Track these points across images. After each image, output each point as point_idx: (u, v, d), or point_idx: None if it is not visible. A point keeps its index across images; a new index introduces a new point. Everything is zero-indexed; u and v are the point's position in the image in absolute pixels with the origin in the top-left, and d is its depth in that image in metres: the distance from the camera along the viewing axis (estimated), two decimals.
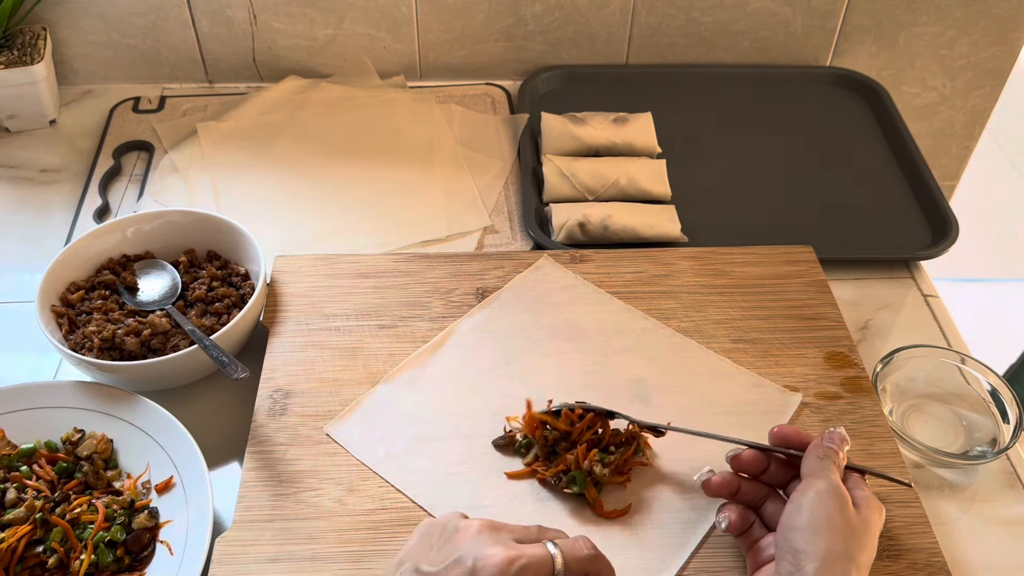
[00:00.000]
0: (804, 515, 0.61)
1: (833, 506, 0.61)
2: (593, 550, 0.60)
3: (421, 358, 0.83)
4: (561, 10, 1.20)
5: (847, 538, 0.60)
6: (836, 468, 0.65)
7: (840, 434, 0.67)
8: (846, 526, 0.61)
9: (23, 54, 1.11)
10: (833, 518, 0.61)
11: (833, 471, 0.64)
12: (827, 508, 0.61)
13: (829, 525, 0.60)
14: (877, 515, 0.64)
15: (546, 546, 0.58)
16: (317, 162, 1.09)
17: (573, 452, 0.73)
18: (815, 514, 0.61)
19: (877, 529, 0.63)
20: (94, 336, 0.81)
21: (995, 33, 1.25)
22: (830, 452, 0.65)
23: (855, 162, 1.13)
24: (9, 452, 0.76)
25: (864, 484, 0.66)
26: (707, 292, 0.90)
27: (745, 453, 0.69)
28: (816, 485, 0.63)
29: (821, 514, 0.61)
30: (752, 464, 0.69)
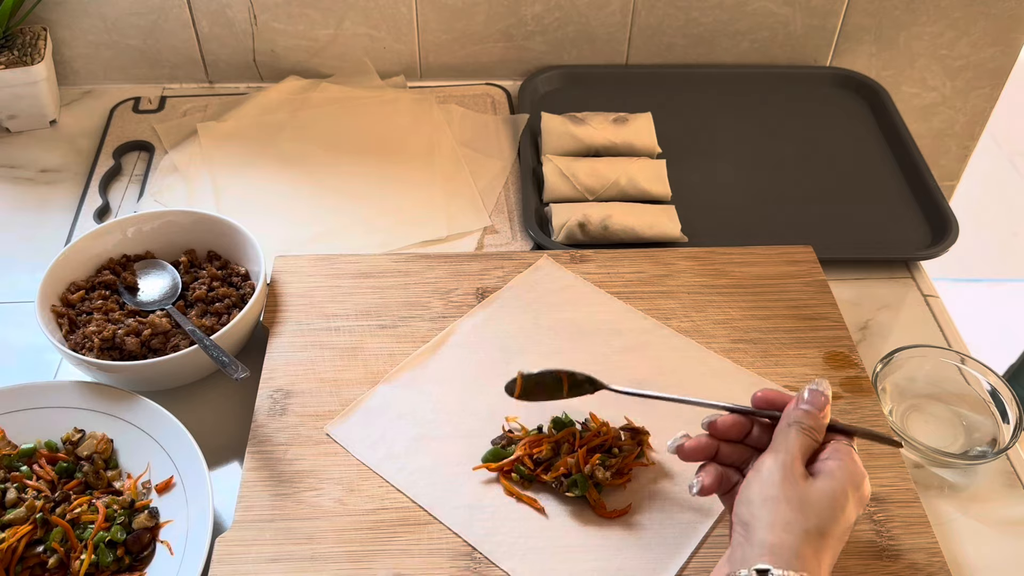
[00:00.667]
0: (754, 488, 0.61)
1: (781, 478, 0.61)
2: None
3: (421, 358, 0.84)
4: (561, 10, 1.20)
5: (800, 508, 0.59)
6: (804, 434, 0.63)
7: (817, 391, 0.65)
8: (799, 497, 0.60)
9: (23, 54, 1.11)
10: (783, 490, 0.60)
11: (795, 441, 0.63)
12: (775, 480, 0.61)
13: (777, 498, 0.60)
14: (844, 484, 0.61)
15: None
16: (317, 162, 1.09)
17: (574, 455, 0.73)
18: (764, 487, 0.61)
19: (843, 499, 0.61)
20: (94, 336, 0.81)
21: (995, 33, 1.25)
22: (801, 417, 0.64)
23: (855, 162, 1.13)
24: (9, 452, 0.76)
25: (843, 449, 0.63)
26: (707, 292, 0.90)
27: (721, 419, 0.68)
28: (770, 457, 0.63)
29: (769, 487, 0.61)
30: (730, 429, 0.67)
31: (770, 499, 0.60)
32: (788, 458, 0.62)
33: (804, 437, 0.63)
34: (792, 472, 0.61)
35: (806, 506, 0.60)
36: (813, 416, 0.64)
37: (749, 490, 0.62)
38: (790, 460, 0.62)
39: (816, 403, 0.64)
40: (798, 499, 0.60)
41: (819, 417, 0.64)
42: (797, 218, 1.05)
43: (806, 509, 0.60)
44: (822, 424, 0.64)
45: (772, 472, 0.62)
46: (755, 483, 0.62)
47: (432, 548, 0.70)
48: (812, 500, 0.60)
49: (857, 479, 0.62)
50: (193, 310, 0.85)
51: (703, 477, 0.66)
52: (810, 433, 0.63)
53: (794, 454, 0.62)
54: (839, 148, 1.15)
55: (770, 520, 0.59)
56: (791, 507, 0.60)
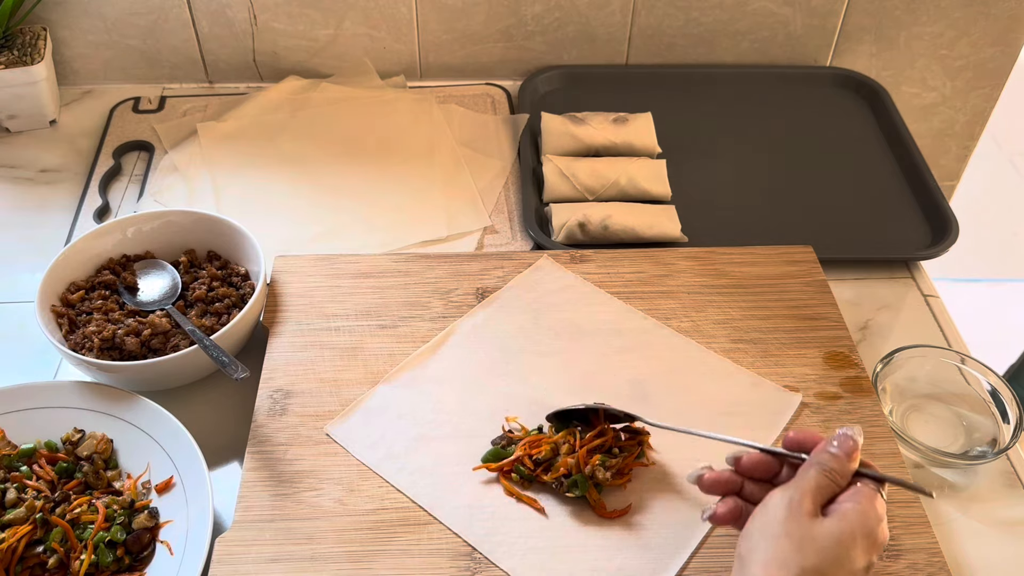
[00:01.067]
0: (756, 522, 0.61)
1: (786, 515, 0.59)
2: None
3: (421, 358, 0.83)
4: (561, 10, 1.20)
5: (800, 546, 0.58)
6: (824, 475, 0.62)
7: (847, 436, 0.63)
8: (801, 535, 0.58)
9: (23, 54, 1.11)
10: (785, 526, 0.59)
11: (811, 480, 0.61)
12: (778, 516, 0.60)
13: (777, 534, 0.59)
14: (854, 526, 0.59)
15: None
16: (317, 162, 1.09)
17: (574, 455, 0.73)
18: (766, 522, 0.60)
19: (850, 541, 0.58)
20: (94, 336, 0.81)
21: (995, 33, 1.25)
22: (825, 459, 0.62)
23: (855, 162, 1.13)
24: (9, 452, 0.76)
25: (864, 492, 0.61)
26: (707, 292, 0.90)
27: (747, 457, 0.67)
28: (779, 493, 0.62)
29: (772, 523, 0.60)
30: (756, 468, 0.66)
31: (770, 535, 0.59)
32: (797, 495, 0.60)
33: (822, 477, 0.61)
34: (799, 509, 0.60)
35: (807, 544, 0.58)
36: (838, 459, 0.62)
37: (752, 524, 0.61)
38: (799, 497, 0.60)
39: (844, 447, 0.62)
40: (800, 536, 0.58)
41: (844, 461, 0.62)
42: (797, 218, 1.05)
43: (806, 547, 0.58)
44: (847, 469, 0.62)
45: (778, 507, 0.60)
46: (759, 517, 0.61)
47: (432, 548, 0.70)
48: (816, 539, 0.58)
49: (871, 524, 0.60)
50: (193, 310, 0.85)
51: (719, 507, 0.65)
52: (831, 475, 0.62)
53: (804, 491, 0.61)
54: (839, 148, 1.15)
55: (766, 557, 0.58)
56: (791, 544, 0.58)
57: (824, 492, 0.61)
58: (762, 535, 0.59)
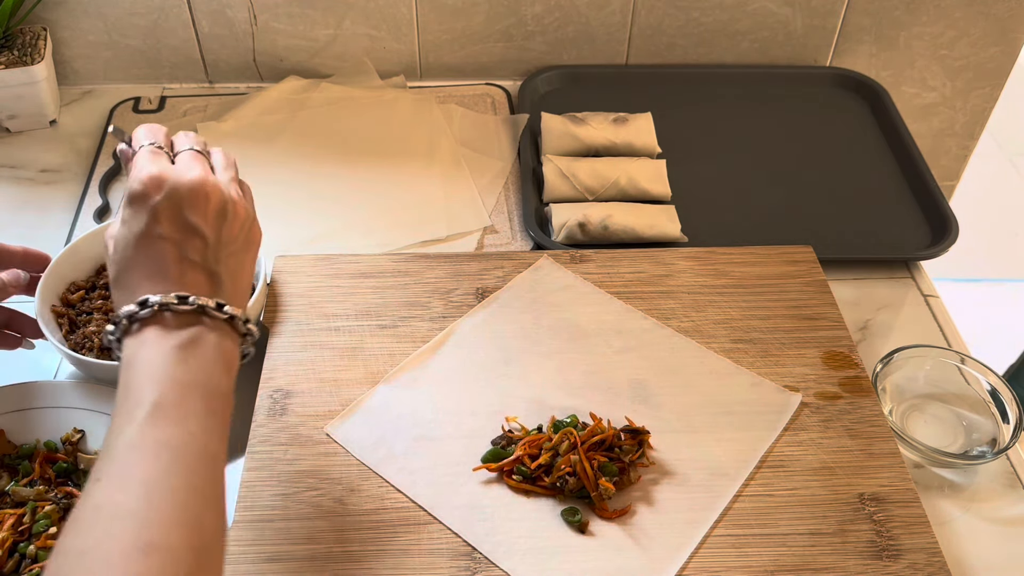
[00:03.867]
0: None
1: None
2: None
3: (421, 358, 0.84)
4: (561, 10, 1.20)
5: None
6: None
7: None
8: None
9: (23, 54, 1.11)
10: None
11: None
12: None
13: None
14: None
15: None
16: (317, 162, 1.09)
17: (575, 453, 0.73)
18: None
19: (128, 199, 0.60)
20: (94, 336, 0.81)
21: (995, 33, 1.25)
22: None
23: (855, 162, 1.13)
24: (9, 452, 0.76)
25: None
26: (707, 292, 0.90)
27: None
28: None
29: None
30: None
31: None
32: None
33: None
34: None
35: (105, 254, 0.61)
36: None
37: None
38: None
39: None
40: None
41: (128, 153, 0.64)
42: (797, 218, 1.05)
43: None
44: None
45: None
46: None
47: (432, 548, 0.70)
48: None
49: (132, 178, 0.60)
50: None
51: None
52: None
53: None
54: (839, 148, 1.15)
55: None
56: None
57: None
58: None
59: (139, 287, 0.57)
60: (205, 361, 0.56)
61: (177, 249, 0.58)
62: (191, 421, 0.53)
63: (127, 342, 0.56)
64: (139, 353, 0.55)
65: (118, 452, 0.51)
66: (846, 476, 0.75)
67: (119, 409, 0.53)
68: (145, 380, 0.53)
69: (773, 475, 0.75)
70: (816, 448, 0.77)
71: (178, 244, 0.58)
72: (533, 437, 0.75)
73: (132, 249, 0.58)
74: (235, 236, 0.61)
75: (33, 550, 0.69)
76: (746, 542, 0.71)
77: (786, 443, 0.78)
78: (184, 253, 0.58)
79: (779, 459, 0.76)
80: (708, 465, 0.76)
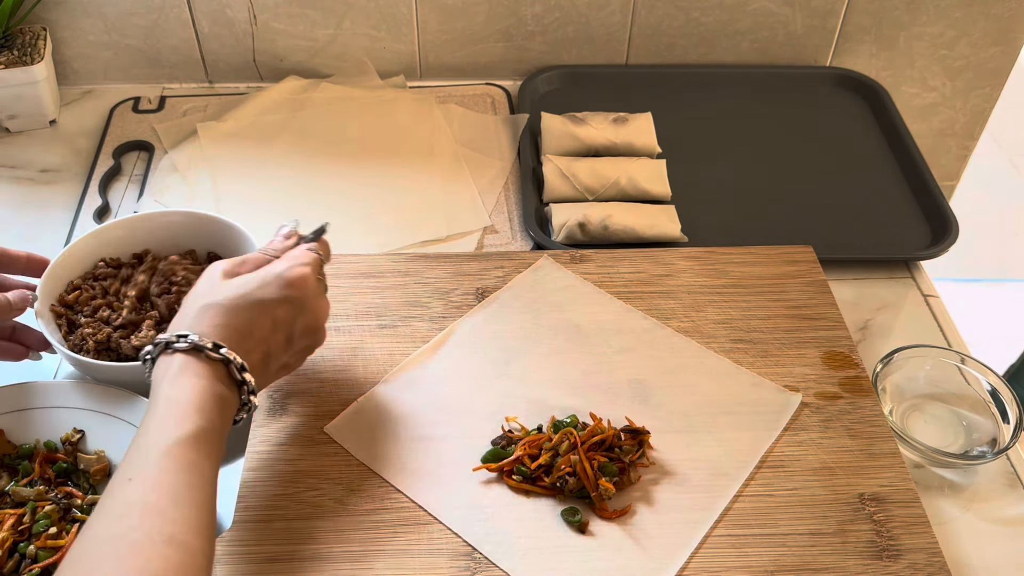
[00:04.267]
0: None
1: (209, 272, 0.71)
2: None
3: (421, 358, 0.83)
4: (561, 10, 1.20)
5: (211, 288, 0.68)
6: (258, 252, 0.74)
7: (284, 226, 0.78)
8: (213, 281, 0.69)
9: (23, 54, 1.11)
10: (204, 278, 0.70)
11: (240, 257, 0.73)
12: (205, 274, 0.71)
13: (198, 285, 0.71)
14: (269, 270, 0.70)
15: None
16: (317, 162, 1.09)
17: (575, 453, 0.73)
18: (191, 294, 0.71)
19: (261, 280, 0.69)
20: (90, 338, 0.81)
21: (995, 33, 1.25)
22: (265, 246, 0.75)
23: (855, 162, 1.13)
24: (9, 452, 0.76)
25: (295, 250, 0.74)
26: (707, 292, 0.90)
27: None
28: None
29: (198, 282, 0.71)
30: None
31: (187, 298, 0.69)
32: (221, 263, 0.71)
33: (255, 254, 0.73)
34: (217, 269, 0.70)
35: (218, 286, 0.68)
36: (273, 242, 0.75)
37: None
38: (222, 263, 0.71)
39: (280, 233, 0.76)
40: (213, 283, 0.69)
41: (279, 241, 0.75)
42: (797, 218, 1.05)
43: (217, 288, 0.68)
44: (283, 246, 0.75)
45: (198, 281, 0.70)
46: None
47: (432, 548, 0.70)
48: (229, 282, 0.68)
49: (283, 267, 0.70)
50: None
51: None
52: (264, 251, 0.74)
53: (229, 261, 0.71)
54: (839, 148, 1.15)
55: (179, 312, 0.68)
56: (204, 287, 0.69)
57: (252, 263, 0.72)
58: (188, 295, 0.70)
59: (220, 327, 0.66)
60: (229, 413, 0.65)
61: (269, 332, 0.69)
62: (214, 458, 0.61)
63: (182, 357, 0.64)
64: (191, 378, 0.63)
65: (152, 457, 0.58)
66: (846, 476, 0.75)
67: (159, 413, 0.61)
68: (192, 408, 0.61)
69: (773, 475, 0.75)
70: (816, 448, 0.77)
71: (273, 330, 0.69)
72: (533, 437, 0.75)
73: (245, 300, 0.68)
74: (303, 354, 0.74)
75: (33, 550, 0.69)
76: (746, 542, 0.71)
77: (786, 443, 0.78)
78: (269, 337, 0.69)
79: (779, 459, 0.76)
80: (708, 465, 0.76)
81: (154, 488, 0.56)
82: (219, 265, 0.71)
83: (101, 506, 0.56)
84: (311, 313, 0.72)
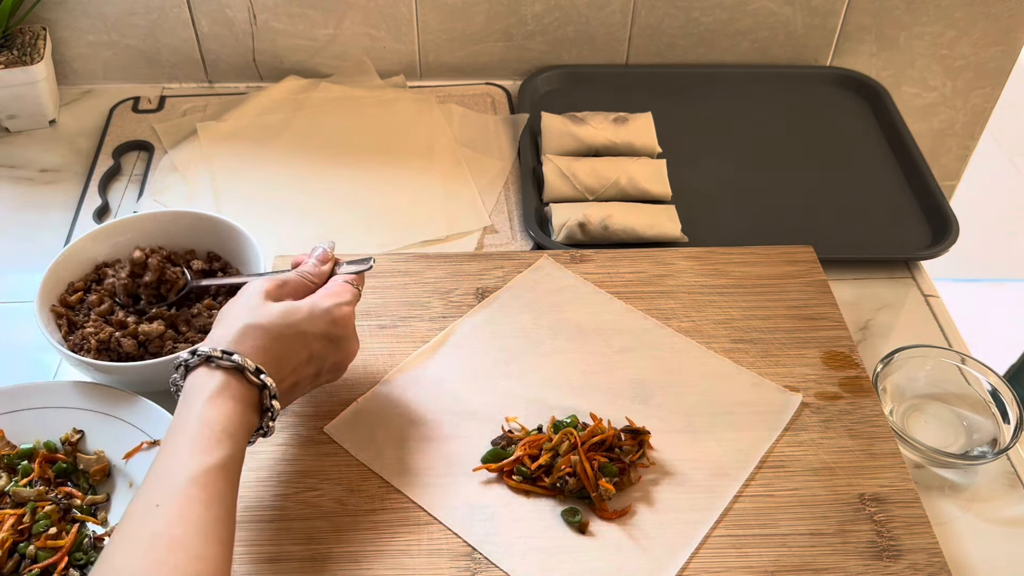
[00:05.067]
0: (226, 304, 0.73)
1: (249, 291, 0.71)
2: None
3: (421, 358, 0.83)
4: (561, 10, 1.20)
5: (252, 312, 0.69)
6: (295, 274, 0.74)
7: (320, 247, 0.78)
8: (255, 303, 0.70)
9: (23, 54, 1.11)
10: (244, 299, 0.71)
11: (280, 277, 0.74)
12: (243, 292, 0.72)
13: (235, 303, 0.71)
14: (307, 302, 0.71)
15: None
16: (317, 162, 1.09)
17: (575, 453, 0.73)
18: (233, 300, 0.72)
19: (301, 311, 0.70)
20: (91, 337, 0.81)
21: (995, 33, 1.25)
22: (300, 266, 0.76)
23: (855, 162, 1.13)
24: (8, 452, 0.76)
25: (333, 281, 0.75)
26: (707, 292, 0.90)
27: None
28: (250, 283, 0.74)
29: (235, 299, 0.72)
30: None
31: (231, 303, 0.71)
32: (261, 282, 0.72)
33: (292, 275, 0.74)
34: (259, 289, 0.71)
35: (259, 309, 0.69)
36: (310, 264, 0.76)
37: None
38: (262, 283, 0.71)
39: (316, 255, 0.77)
40: (254, 305, 0.69)
41: (316, 265, 0.76)
42: (797, 218, 1.05)
43: (257, 311, 0.68)
44: (320, 271, 0.75)
45: (244, 290, 0.71)
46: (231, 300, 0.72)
47: (432, 548, 0.70)
48: (269, 307, 0.69)
49: (324, 300, 0.71)
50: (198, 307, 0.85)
51: None
52: (301, 275, 0.74)
53: (270, 280, 0.72)
54: (839, 148, 1.15)
55: (221, 319, 0.69)
56: (245, 310, 0.69)
57: (292, 285, 0.73)
58: (226, 308, 0.70)
59: (261, 349, 0.67)
60: (248, 437, 0.66)
61: (303, 363, 0.70)
62: (236, 485, 0.62)
63: (223, 376, 0.64)
64: (228, 400, 0.64)
65: (180, 484, 0.58)
66: (846, 476, 0.75)
67: (190, 432, 0.61)
68: (224, 433, 0.62)
69: (773, 475, 0.75)
70: (816, 448, 0.77)
71: (307, 362, 0.70)
72: (533, 437, 0.75)
73: (290, 329, 0.69)
74: (321, 382, 0.75)
75: (33, 550, 0.69)
76: (746, 542, 0.71)
77: (786, 443, 0.78)
78: (301, 368, 0.70)
79: (779, 459, 0.76)
80: (708, 465, 0.76)
81: (180, 520, 0.56)
82: (260, 284, 0.71)
83: (126, 530, 0.56)
84: (344, 353, 0.73)
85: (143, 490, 0.58)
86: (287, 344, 0.68)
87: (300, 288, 0.73)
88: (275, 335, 0.68)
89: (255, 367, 0.65)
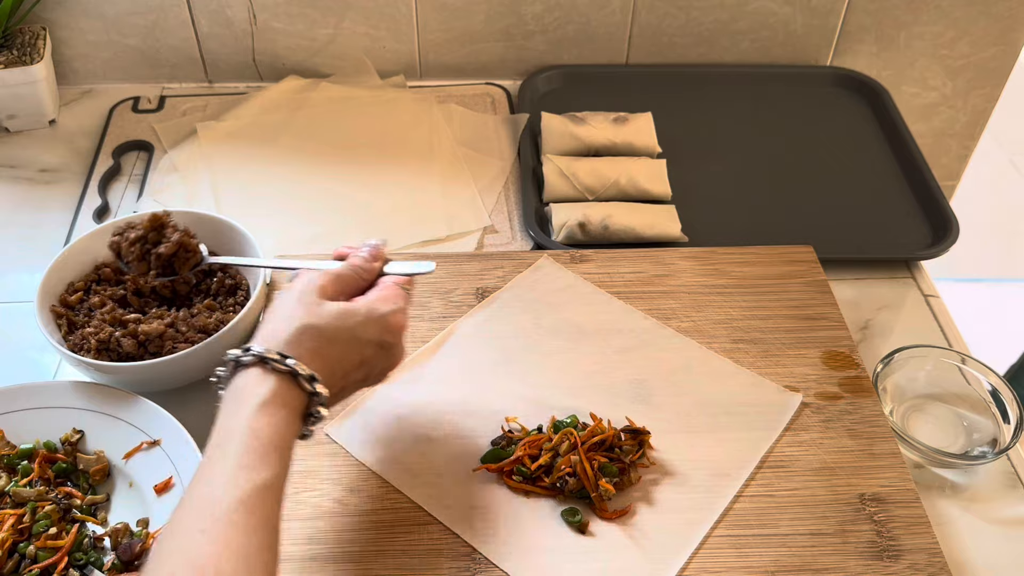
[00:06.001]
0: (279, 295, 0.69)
1: (301, 287, 0.67)
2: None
3: (421, 358, 0.83)
4: (561, 10, 1.20)
5: (308, 310, 0.65)
6: (347, 269, 0.70)
7: (372, 244, 0.73)
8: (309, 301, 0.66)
9: (23, 54, 1.11)
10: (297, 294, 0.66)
11: (332, 271, 0.69)
12: (295, 288, 0.67)
13: (288, 299, 0.66)
14: (362, 303, 0.68)
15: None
16: (317, 162, 1.09)
17: (575, 453, 0.73)
18: (285, 292, 0.68)
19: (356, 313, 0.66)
20: (91, 337, 0.81)
21: (995, 33, 1.25)
22: (350, 259, 0.72)
23: (855, 162, 1.13)
24: (8, 452, 0.76)
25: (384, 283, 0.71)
26: (707, 292, 0.90)
27: None
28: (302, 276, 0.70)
29: (288, 292, 0.68)
30: None
31: (283, 298, 0.67)
32: (316, 276, 0.68)
33: (344, 269, 0.70)
34: (312, 284, 0.67)
35: (313, 308, 0.65)
36: (362, 259, 0.72)
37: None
38: (316, 277, 0.68)
39: (372, 253, 0.72)
40: (309, 303, 0.65)
41: (368, 260, 0.72)
42: (797, 218, 1.05)
43: (312, 310, 0.65)
44: (372, 267, 0.71)
45: (298, 283, 0.68)
46: (283, 291, 0.68)
47: (432, 548, 0.70)
48: (323, 306, 0.66)
49: (381, 305, 0.68)
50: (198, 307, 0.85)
51: None
52: (353, 270, 0.70)
53: (323, 275, 0.68)
54: (839, 148, 1.15)
55: (273, 315, 0.66)
56: (301, 307, 0.65)
57: (345, 281, 0.69)
58: (279, 301, 0.67)
59: (315, 352, 0.64)
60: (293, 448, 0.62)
61: (353, 368, 0.67)
62: (281, 503, 0.59)
63: (277, 380, 0.61)
64: (279, 408, 0.60)
65: (227, 505, 0.55)
66: (847, 476, 0.75)
67: (237, 444, 0.57)
68: (273, 447, 0.58)
69: (774, 475, 0.75)
70: (817, 448, 0.77)
71: (357, 367, 0.67)
72: (533, 437, 0.75)
73: (346, 332, 0.66)
74: (370, 383, 0.71)
75: (33, 550, 0.69)
76: (746, 543, 0.71)
77: (787, 443, 0.78)
78: (351, 373, 0.67)
79: (780, 459, 0.76)
80: (708, 465, 0.76)
81: (226, 549, 0.53)
82: (315, 279, 0.68)
83: (167, 553, 0.53)
84: (392, 360, 0.70)
85: (187, 506, 0.55)
86: (341, 348, 0.65)
87: (352, 284, 0.70)
88: (330, 337, 0.65)
89: (309, 374, 0.62)
